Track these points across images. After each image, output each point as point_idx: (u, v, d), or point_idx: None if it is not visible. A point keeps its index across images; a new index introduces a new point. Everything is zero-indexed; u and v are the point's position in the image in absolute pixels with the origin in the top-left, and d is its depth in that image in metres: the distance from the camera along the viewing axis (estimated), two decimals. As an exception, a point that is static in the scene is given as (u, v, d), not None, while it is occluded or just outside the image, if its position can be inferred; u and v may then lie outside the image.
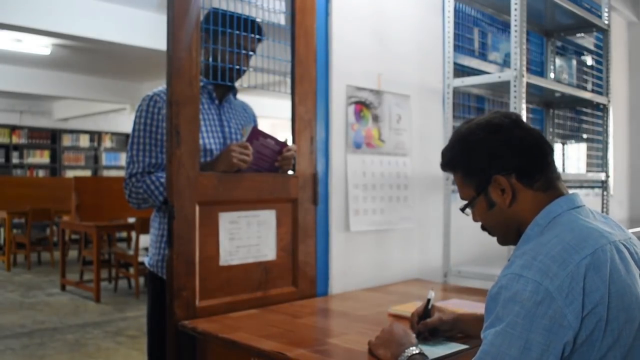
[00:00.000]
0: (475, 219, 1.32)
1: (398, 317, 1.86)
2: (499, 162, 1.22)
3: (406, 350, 1.32)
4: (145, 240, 5.72)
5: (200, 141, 1.97)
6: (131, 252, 6.00)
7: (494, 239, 1.33)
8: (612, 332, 1.05)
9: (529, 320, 1.03)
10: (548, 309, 1.03)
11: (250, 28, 2.06)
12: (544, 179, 1.22)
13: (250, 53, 2.09)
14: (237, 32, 2.04)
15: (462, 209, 1.32)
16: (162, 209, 1.99)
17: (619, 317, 1.06)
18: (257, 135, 2.02)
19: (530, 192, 1.22)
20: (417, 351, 1.32)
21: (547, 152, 1.24)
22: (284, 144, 2.10)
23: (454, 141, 1.31)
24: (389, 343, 1.38)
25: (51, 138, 11.03)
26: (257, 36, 2.09)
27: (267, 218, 2.12)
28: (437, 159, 1.35)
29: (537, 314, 1.03)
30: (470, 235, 2.88)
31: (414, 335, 1.41)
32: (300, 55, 2.24)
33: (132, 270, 6.20)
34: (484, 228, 1.32)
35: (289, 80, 2.25)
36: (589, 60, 3.89)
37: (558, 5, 3.03)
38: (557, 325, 1.02)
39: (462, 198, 1.31)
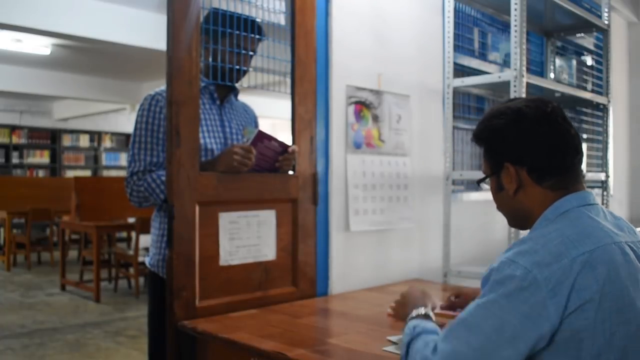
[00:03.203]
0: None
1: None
2: (513, 152, 1.22)
3: (415, 310, 1.37)
4: (145, 240, 5.72)
5: (201, 141, 1.97)
6: (131, 252, 6.00)
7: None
8: (604, 333, 1.04)
9: (510, 302, 1.05)
10: (531, 297, 1.04)
11: (251, 28, 2.06)
12: (555, 180, 1.20)
13: (251, 53, 2.09)
14: (238, 32, 2.04)
15: (478, 182, 1.36)
16: (163, 208, 1.99)
17: (612, 318, 1.05)
18: (261, 138, 2.01)
19: (539, 188, 1.21)
20: (424, 312, 1.35)
21: (569, 155, 1.21)
22: (287, 145, 2.09)
23: (485, 116, 1.30)
24: (406, 305, 1.51)
25: (51, 138, 11.02)
26: (258, 36, 2.09)
27: (267, 218, 2.12)
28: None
29: (519, 298, 1.05)
30: (470, 235, 2.89)
31: (432, 298, 1.49)
32: (300, 55, 2.24)
33: (132, 270, 6.19)
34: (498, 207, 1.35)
35: (289, 80, 2.25)
36: (589, 60, 3.89)
37: (558, 5, 3.03)
38: (536, 314, 1.03)
39: (483, 172, 1.33)
